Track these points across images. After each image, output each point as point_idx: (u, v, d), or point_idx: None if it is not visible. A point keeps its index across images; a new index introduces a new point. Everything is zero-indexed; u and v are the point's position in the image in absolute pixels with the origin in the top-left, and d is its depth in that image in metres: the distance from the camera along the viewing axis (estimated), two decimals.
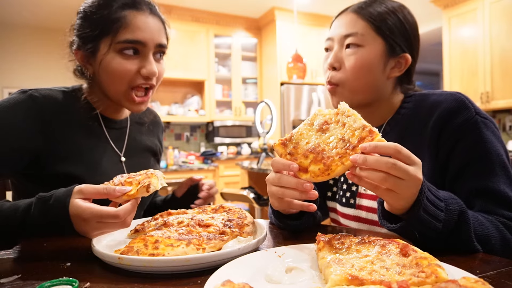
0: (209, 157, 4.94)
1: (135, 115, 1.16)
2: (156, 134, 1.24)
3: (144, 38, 0.90)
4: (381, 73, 0.88)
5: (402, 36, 0.88)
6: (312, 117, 0.73)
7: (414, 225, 0.63)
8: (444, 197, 0.67)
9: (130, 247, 0.61)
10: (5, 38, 4.68)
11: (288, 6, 4.83)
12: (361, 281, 0.45)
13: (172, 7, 4.74)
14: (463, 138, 0.78)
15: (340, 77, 0.88)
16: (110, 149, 1.04)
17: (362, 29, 0.86)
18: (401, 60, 0.89)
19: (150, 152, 1.19)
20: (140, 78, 0.92)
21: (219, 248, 0.64)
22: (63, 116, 0.93)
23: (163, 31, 0.96)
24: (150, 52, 0.92)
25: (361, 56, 0.86)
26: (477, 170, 0.76)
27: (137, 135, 1.14)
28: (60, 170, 0.90)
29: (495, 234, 0.69)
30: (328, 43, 0.93)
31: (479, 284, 0.41)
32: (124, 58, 0.90)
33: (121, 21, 0.89)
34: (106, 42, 0.89)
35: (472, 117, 0.78)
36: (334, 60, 0.89)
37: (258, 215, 2.94)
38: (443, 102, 0.82)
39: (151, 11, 0.93)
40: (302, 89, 5.02)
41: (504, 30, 3.82)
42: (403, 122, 0.90)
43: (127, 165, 1.07)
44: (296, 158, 0.69)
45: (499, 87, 3.89)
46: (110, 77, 0.91)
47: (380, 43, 0.86)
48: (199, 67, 4.94)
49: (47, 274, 0.59)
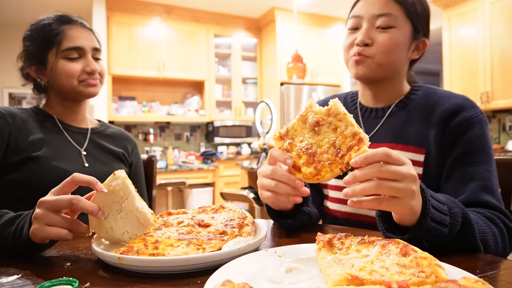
0: (209, 157, 4.94)
1: (97, 127, 1.25)
2: (122, 144, 1.28)
3: (82, 44, 1.12)
4: (405, 53, 0.94)
5: (424, 22, 0.95)
6: (304, 111, 0.71)
7: (422, 235, 0.63)
8: (445, 200, 0.67)
9: (130, 247, 0.61)
10: (5, 38, 4.69)
11: (288, 6, 4.83)
12: (361, 281, 0.45)
13: (172, 7, 4.74)
14: (468, 130, 0.86)
15: (373, 52, 0.91)
16: (70, 144, 1.15)
17: (395, 11, 0.90)
18: (420, 44, 0.97)
19: (113, 155, 1.22)
20: (85, 74, 1.12)
21: (219, 248, 0.64)
22: (22, 123, 1.07)
23: (94, 38, 1.18)
24: (89, 54, 1.14)
25: (394, 36, 0.90)
26: (474, 159, 0.84)
27: (98, 140, 1.22)
28: (19, 158, 1.02)
29: (487, 230, 0.72)
30: (354, 21, 0.95)
31: (479, 284, 0.41)
32: (70, 61, 1.10)
33: (61, 34, 1.10)
34: (53, 52, 1.10)
35: (479, 115, 0.87)
36: (366, 37, 0.91)
37: (258, 215, 2.94)
38: (454, 98, 0.91)
39: (82, 24, 1.16)
40: (302, 89, 5.02)
41: (504, 30, 3.82)
42: (411, 106, 0.96)
43: (87, 159, 1.14)
44: (291, 156, 0.69)
45: (499, 87, 3.89)
46: (63, 77, 1.10)
47: (409, 25, 0.92)
48: (199, 67, 4.94)
49: (47, 274, 0.59)
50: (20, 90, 5.02)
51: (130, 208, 0.66)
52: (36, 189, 0.93)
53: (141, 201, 0.69)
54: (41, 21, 1.12)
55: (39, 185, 0.99)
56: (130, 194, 0.67)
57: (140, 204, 0.67)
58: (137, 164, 1.31)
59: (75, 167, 1.08)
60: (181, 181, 4.39)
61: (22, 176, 1.00)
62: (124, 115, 4.63)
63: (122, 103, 4.75)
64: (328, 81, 5.33)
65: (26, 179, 1.00)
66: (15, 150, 1.02)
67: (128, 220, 0.66)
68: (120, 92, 4.83)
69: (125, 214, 0.66)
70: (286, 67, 4.04)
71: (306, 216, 0.86)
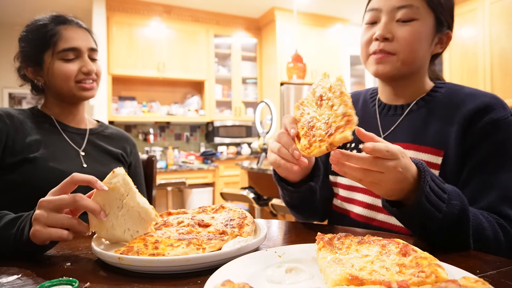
0: (209, 157, 4.94)
1: (96, 128, 1.25)
2: (121, 144, 1.27)
3: (77, 45, 1.11)
4: (428, 47, 0.88)
5: (449, 13, 0.89)
6: (316, 84, 0.74)
7: (415, 212, 0.65)
8: (449, 190, 0.68)
9: (130, 247, 0.61)
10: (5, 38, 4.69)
11: (288, 6, 4.83)
12: (361, 281, 0.45)
13: (172, 7, 4.74)
14: (494, 133, 0.79)
15: (395, 47, 0.85)
16: (68, 145, 1.14)
17: (416, 2, 0.84)
18: (443, 37, 0.90)
19: (111, 156, 1.22)
20: (82, 75, 1.12)
21: (219, 248, 0.64)
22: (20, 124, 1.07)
23: (91, 38, 1.17)
24: (85, 55, 1.13)
25: (416, 29, 0.84)
26: (498, 165, 0.78)
27: (96, 141, 1.21)
28: (16, 159, 1.01)
29: (490, 235, 0.71)
30: (372, 14, 0.89)
31: (479, 284, 0.41)
32: (66, 62, 1.09)
33: (57, 35, 1.09)
34: (49, 54, 1.09)
35: (508, 117, 0.80)
36: (386, 31, 0.85)
37: (258, 215, 2.94)
38: (481, 96, 0.83)
39: (78, 24, 1.15)
40: (302, 89, 5.01)
41: (504, 30, 3.82)
42: (433, 104, 0.89)
43: (85, 159, 1.14)
44: (298, 126, 0.73)
45: (499, 87, 3.89)
46: (59, 79, 1.09)
47: (431, 17, 0.86)
48: (199, 67, 4.94)
49: (47, 274, 0.59)
50: (20, 90, 5.02)
51: (132, 204, 0.66)
52: (34, 190, 0.93)
53: (141, 197, 0.69)
54: (36, 22, 1.12)
55: (37, 186, 0.99)
56: (131, 190, 0.67)
57: (141, 200, 0.68)
58: (136, 165, 1.30)
59: (73, 167, 1.08)
60: (181, 181, 4.39)
61: (19, 177, 1.00)
62: (124, 115, 4.63)
63: (122, 103, 4.75)
64: None
65: (23, 180, 1.00)
66: (12, 151, 1.02)
67: (130, 217, 0.66)
68: (120, 92, 4.83)
69: (126, 210, 0.66)
70: (286, 67, 4.04)
71: (309, 192, 0.86)
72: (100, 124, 1.29)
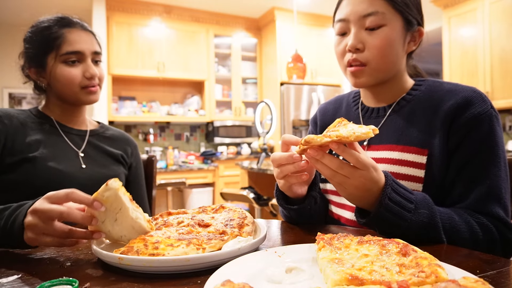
0: (209, 157, 4.94)
1: (96, 129, 1.24)
2: (122, 146, 1.27)
3: (81, 48, 1.10)
4: (402, 49, 0.88)
5: (416, 8, 0.88)
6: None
7: (377, 222, 0.71)
8: (417, 200, 0.71)
9: (130, 247, 0.61)
10: (6, 38, 4.69)
11: (288, 6, 4.83)
12: (361, 281, 0.45)
13: (172, 7, 4.74)
14: (477, 128, 0.79)
15: (367, 56, 0.85)
16: (67, 146, 1.14)
17: (381, 7, 0.83)
18: (416, 33, 0.90)
19: (111, 157, 1.21)
20: (85, 79, 1.11)
21: (219, 248, 0.64)
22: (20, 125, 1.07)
23: (95, 41, 1.16)
24: (89, 59, 1.12)
25: (386, 35, 0.84)
26: (482, 161, 0.79)
27: (96, 142, 1.21)
28: (15, 159, 1.02)
29: (467, 236, 0.73)
30: (341, 25, 0.88)
31: (479, 284, 0.41)
32: (69, 66, 1.09)
33: (60, 38, 1.08)
34: (52, 56, 1.08)
35: (488, 110, 0.80)
36: (357, 42, 0.85)
37: (258, 215, 2.94)
38: (461, 91, 0.83)
39: (83, 27, 1.14)
40: (302, 89, 5.02)
41: (504, 30, 3.82)
42: (413, 103, 0.89)
43: (85, 160, 1.13)
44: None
45: (499, 87, 3.89)
46: (62, 82, 1.09)
47: (399, 18, 0.85)
48: (199, 67, 4.94)
49: (47, 274, 0.59)
50: (20, 90, 5.02)
51: (124, 219, 0.66)
52: (33, 189, 0.93)
53: (135, 210, 0.68)
54: (41, 23, 1.11)
55: (36, 185, 0.99)
56: (124, 206, 0.66)
57: (134, 215, 0.67)
58: (137, 166, 1.30)
59: (71, 168, 1.08)
60: (181, 181, 4.39)
61: (19, 177, 1.00)
62: (124, 115, 4.63)
63: (122, 103, 4.75)
64: (328, 81, 5.33)
65: (22, 180, 1.00)
66: (11, 151, 1.02)
67: (124, 228, 0.67)
68: (120, 92, 4.83)
69: (120, 222, 0.67)
70: (286, 67, 4.04)
71: (313, 200, 0.86)
72: (101, 125, 1.29)
